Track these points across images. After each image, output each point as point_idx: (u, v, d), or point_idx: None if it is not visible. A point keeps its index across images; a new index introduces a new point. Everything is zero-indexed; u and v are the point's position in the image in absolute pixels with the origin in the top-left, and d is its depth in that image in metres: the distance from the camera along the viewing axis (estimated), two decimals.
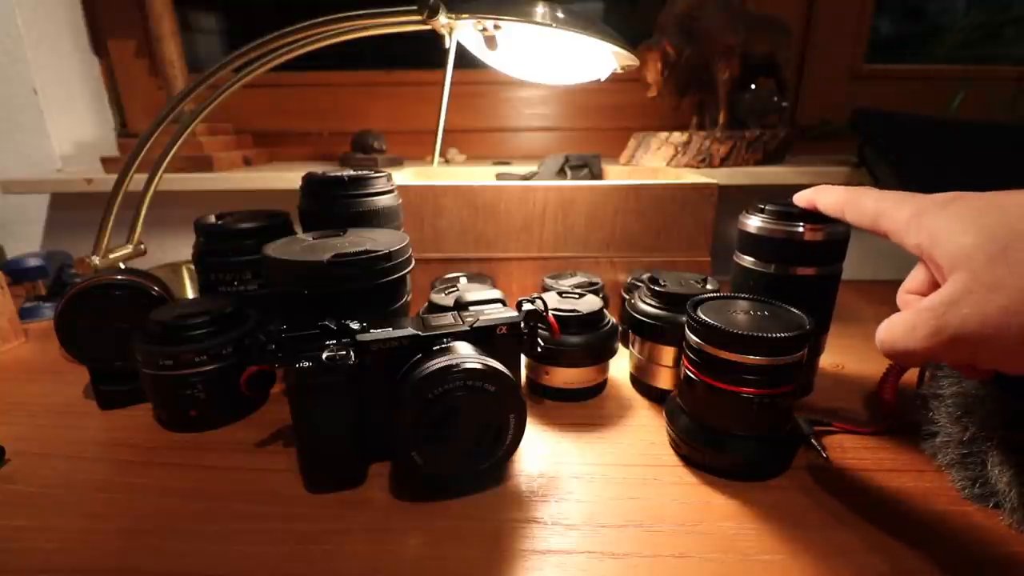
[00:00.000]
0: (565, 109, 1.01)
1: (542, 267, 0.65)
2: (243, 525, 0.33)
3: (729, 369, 0.35)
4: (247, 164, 0.94)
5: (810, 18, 0.93)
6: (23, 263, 0.69)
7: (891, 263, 0.91)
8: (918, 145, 0.71)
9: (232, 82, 0.53)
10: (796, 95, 0.97)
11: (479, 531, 0.33)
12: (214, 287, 0.50)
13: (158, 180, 0.55)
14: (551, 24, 0.51)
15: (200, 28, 1.05)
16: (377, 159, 0.89)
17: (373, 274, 0.40)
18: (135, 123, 1.02)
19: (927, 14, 1.05)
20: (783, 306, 0.39)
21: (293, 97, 1.01)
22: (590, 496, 0.36)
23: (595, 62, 0.62)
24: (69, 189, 0.86)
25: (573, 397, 0.48)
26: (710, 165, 0.81)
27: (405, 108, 1.01)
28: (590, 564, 0.30)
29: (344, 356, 0.33)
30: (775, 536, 0.32)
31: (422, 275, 0.62)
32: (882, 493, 0.36)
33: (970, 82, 0.86)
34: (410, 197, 0.62)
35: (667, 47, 0.78)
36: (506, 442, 0.35)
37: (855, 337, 0.60)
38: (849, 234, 0.44)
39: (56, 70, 0.90)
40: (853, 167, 0.79)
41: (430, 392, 0.33)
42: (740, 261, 0.47)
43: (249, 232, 0.49)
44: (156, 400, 0.44)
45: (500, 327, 0.38)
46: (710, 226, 0.64)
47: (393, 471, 0.38)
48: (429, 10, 0.51)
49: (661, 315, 0.46)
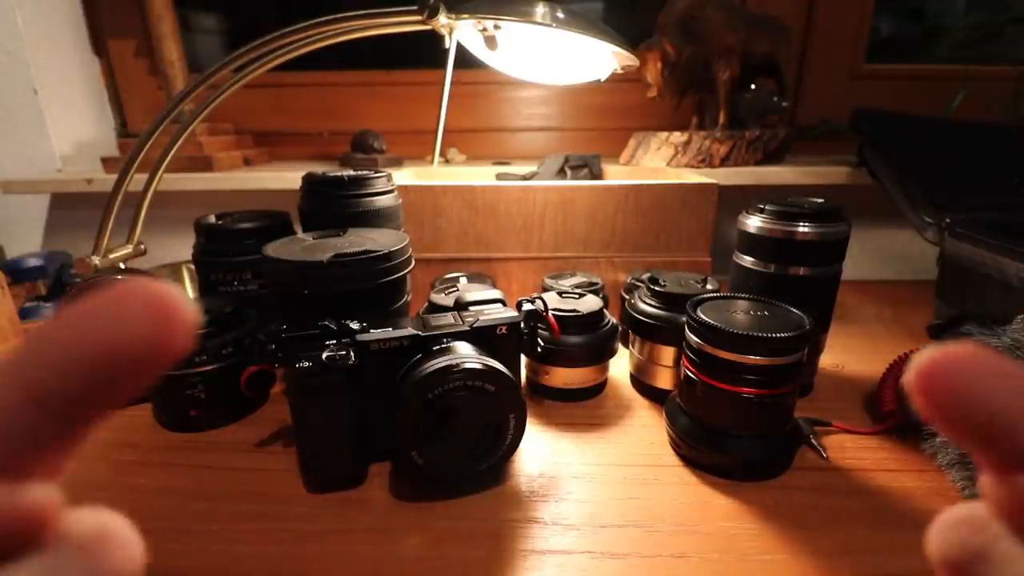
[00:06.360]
0: (565, 109, 1.01)
1: (542, 267, 0.65)
2: (243, 525, 0.33)
3: (729, 369, 0.35)
4: (247, 164, 0.94)
5: (810, 18, 0.93)
6: (23, 263, 0.69)
7: (891, 263, 0.91)
8: (918, 145, 0.71)
9: (232, 82, 0.53)
10: (796, 95, 0.97)
11: (479, 531, 0.33)
12: (214, 287, 0.50)
13: (158, 180, 0.55)
14: (551, 24, 0.51)
15: (200, 28, 1.05)
16: (377, 159, 0.89)
17: (373, 274, 0.40)
18: (135, 123, 1.02)
19: (927, 14, 1.05)
20: (783, 306, 0.39)
21: (293, 97, 1.01)
22: (590, 496, 0.36)
23: (595, 62, 0.62)
24: (69, 189, 0.85)
25: (573, 397, 0.48)
26: (710, 165, 0.81)
27: (405, 108, 1.01)
28: (590, 564, 0.30)
29: (344, 356, 0.33)
30: (775, 536, 0.32)
31: (422, 275, 0.62)
32: (882, 493, 0.36)
33: (970, 82, 0.86)
34: (410, 197, 0.62)
35: (667, 47, 0.78)
36: (506, 442, 0.35)
37: (855, 337, 0.60)
38: (849, 234, 0.44)
39: (56, 70, 0.90)
40: (853, 167, 0.79)
41: (430, 392, 0.33)
42: (740, 261, 0.47)
43: (249, 232, 0.49)
44: (156, 400, 0.44)
45: (500, 327, 0.38)
46: (710, 226, 0.64)
47: (393, 471, 0.38)
48: (429, 10, 0.51)
49: (661, 315, 0.46)
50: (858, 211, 0.61)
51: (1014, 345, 0.34)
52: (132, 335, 0.11)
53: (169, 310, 0.11)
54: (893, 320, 0.66)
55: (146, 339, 0.11)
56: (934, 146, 0.72)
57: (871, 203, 0.77)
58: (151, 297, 0.11)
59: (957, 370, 0.12)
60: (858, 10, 0.92)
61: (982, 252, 0.49)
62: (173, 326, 0.11)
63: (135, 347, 0.11)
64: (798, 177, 0.80)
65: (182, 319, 0.11)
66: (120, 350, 0.11)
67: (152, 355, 0.11)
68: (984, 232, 0.50)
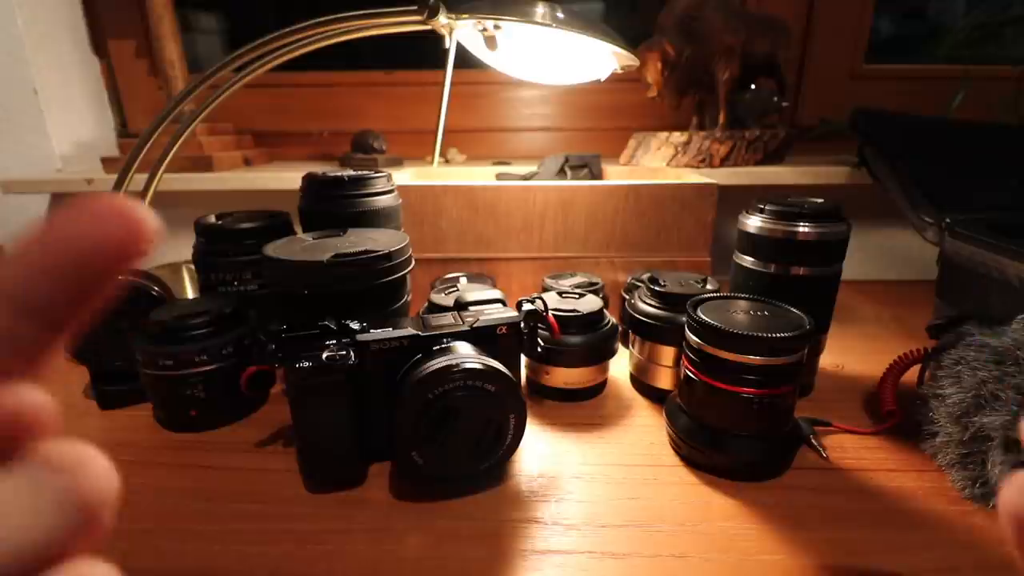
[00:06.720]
0: (565, 109, 1.01)
1: (542, 267, 0.65)
2: (243, 525, 0.33)
3: (729, 369, 0.35)
4: (247, 164, 0.94)
5: (810, 18, 0.93)
6: None
7: (891, 263, 0.91)
8: (918, 145, 0.71)
9: (232, 82, 0.53)
10: (796, 95, 0.97)
11: (479, 531, 0.33)
12: (214, 287, 0.50)
13: (158, 180, 0.55)
14: (551, 24, 0.51)
15: (200, 28, 1.05)
16: (377, 159, 0.89)
17: (373, 274, 0.40)
18: (135, 123, 1.02)
19: (927, 14, 1.05)
20: (783, 306, 0.39)
21: (293, 97, 1.01)
22: (590, 496, 0.36)
23: (595, 62, 0.62)
24: (69, 189, 0.85)
25: (573, 397, 0.48)
26: (710, 165, 0.81)
27: (405, 108, 1.01)
28: (590, 564, 0.30)
29: (344, 356, 0.33)
30: (775, 536, 0.32)
31: (422, 275, 0.62)
32: (882, 493, 0.36)
33: (970, 82, 0.86)
34: (410, 197, 0.62)
35: (667, 47, 0.78)
36: (506, 442, 0.35)
37: (855, 337, 0.60)
38: (849, 234, 0.44)
39: (56, 70, 0.90)
40: (853, 167, 0.79)
41: (430, 392, 0.33)
42: (740, 261, 0.47)
43: (249, 232, 0.49)
44: (156, 400, 0.44)
45: (500, 327, 0.38)
46: (710, 226, 0.64)
47: (393, 471, 0.38)
48: (429, 10, 0.51)
49: (661, 315, 0.46)
50: (858, 211, 0.61)
51: (1014, 345, 0.34)
52: (104, 238, 0.12)
53: (134, 214, 0.12)
54: (893, 320, 0.66)
55: (117, 240, 0.12)
56: (934, 146, 0.72)
57: (871, 203, 0.77)
58: (118, 206, 0.12)
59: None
60: (858, 10, 0.92)
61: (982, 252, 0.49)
62: (140, 228, 0.12)
63: (108, 249, 0.12)
64: (798, 177, 0.80)
65: (146, 221, 0.13)
66: (96, 252, 0.12)
67: (123, 255, 0.12)
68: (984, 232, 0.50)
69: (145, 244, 0.13)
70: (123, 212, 0.12)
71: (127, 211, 0.12)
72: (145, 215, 0.13)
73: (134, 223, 0.12)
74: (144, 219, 0.13)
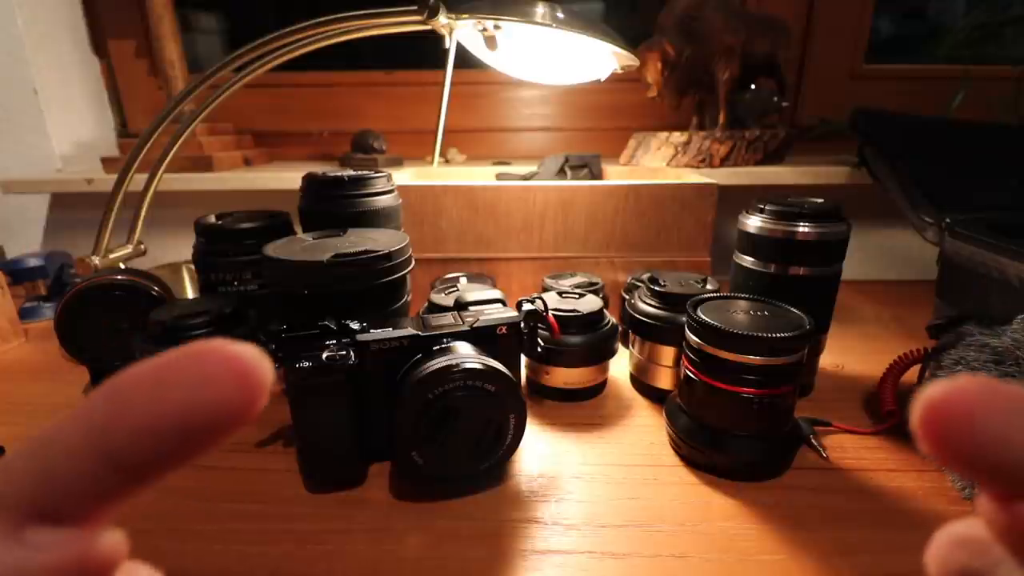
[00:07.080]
0: (565, 109, 1.01)
1: (542, 267, 0.65)
2: (243, 525, 0.33)
3: (729, 369, 0.35)
4: (247, 164, 0.94)
5: (810, 18, 0.93)
6: (23, 263, 0.69)
7: (891, 263, 0.91)
8: (918, 145, 0.71)
9: (232, 82, 0.53)
10: (796, 95, 0.97)
11: (479, 531, 0.33)
12: (214, 287, 0.50)
13: (158, 180, 0.55)
14: (551, 24, 0.51)
15: (200, 28, 1.05)
16: (377, 159, 0.89)
17: (373, 274, 0.40)
18: (135, 123, 1.02)
19: (927, 14, 1.05)
20: (783, 306, 0.39)
21: (293, 97, 1.01)
22: (590, 496, 0.36)
23: (595, 62, 0.62)
24: (69, 189, 0.85)
25: (573, 397, 0.48)
26: (710, 165, 0.81)
27: (405, 108, 1.01)
28: (590, 564, 0.30)
29: (344, 356, 0.33)
30: (775, 536, 0.32)
31: (422, 275, 0.62)
32: (882, 493, 0.36)
33: (970, 82, 0.86)
34: (410, 197, 0.62)
35: (667, 47, 0.78)
36: (506, 442, 0.35)
37: (855, 337, 0.60)
38: (849, 234, 0.44)
39: (56, 70, 0.90)
40: (853, 167, 0.79)
41: (430, 392, 0.33)
42: (740, 261, 0.47)
43: (249, 232, 0.49)
44: None
45: (500, 327, 0.38)
46: (710, 226, 0.64)
47: (393, 471, 0.38)
48: (429, 10, 0.51)
49: (661, 315, 0.46)
50: (858, 211, 0.61)
51: (1014, 345, 0.34)
52: (211, 400, 0.11)
53: (249, 372, 0.11)
54: (893, 320, 0.66)
55: (225, 404, 0.11)
56: (934, 146, 0.72)
57: (871, 203, 0.77)
58: (231, 359, 0.11)
59: (967, 403, 0.12)
60: (858, 10, 0.92)
61: (982, 252, 0.49)
62: (253, 389, 0.11)
63: (213, 412, 0.11)
64: (798, 177, 0.80)
65: (261, 381, 0.11)
66: (198, 415, 0.11)
67: (230, 420, 0.11)
68: (984, 232, 0.50)
69: (260, 408, 0.11)
70: (234, 365, 0.11)
71: (239, 364, 0.11)
72: (260, 368, 0.11)
73: (247, 380, 0.11)
74: (258, 374, 0.11)
